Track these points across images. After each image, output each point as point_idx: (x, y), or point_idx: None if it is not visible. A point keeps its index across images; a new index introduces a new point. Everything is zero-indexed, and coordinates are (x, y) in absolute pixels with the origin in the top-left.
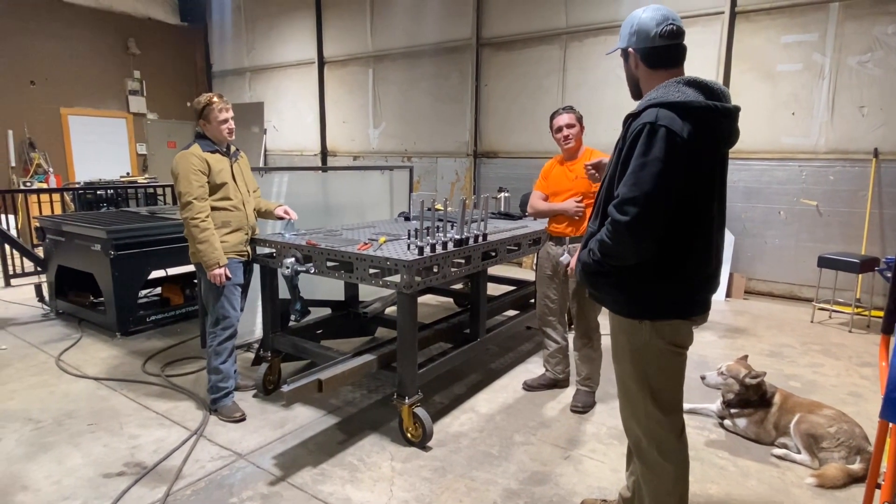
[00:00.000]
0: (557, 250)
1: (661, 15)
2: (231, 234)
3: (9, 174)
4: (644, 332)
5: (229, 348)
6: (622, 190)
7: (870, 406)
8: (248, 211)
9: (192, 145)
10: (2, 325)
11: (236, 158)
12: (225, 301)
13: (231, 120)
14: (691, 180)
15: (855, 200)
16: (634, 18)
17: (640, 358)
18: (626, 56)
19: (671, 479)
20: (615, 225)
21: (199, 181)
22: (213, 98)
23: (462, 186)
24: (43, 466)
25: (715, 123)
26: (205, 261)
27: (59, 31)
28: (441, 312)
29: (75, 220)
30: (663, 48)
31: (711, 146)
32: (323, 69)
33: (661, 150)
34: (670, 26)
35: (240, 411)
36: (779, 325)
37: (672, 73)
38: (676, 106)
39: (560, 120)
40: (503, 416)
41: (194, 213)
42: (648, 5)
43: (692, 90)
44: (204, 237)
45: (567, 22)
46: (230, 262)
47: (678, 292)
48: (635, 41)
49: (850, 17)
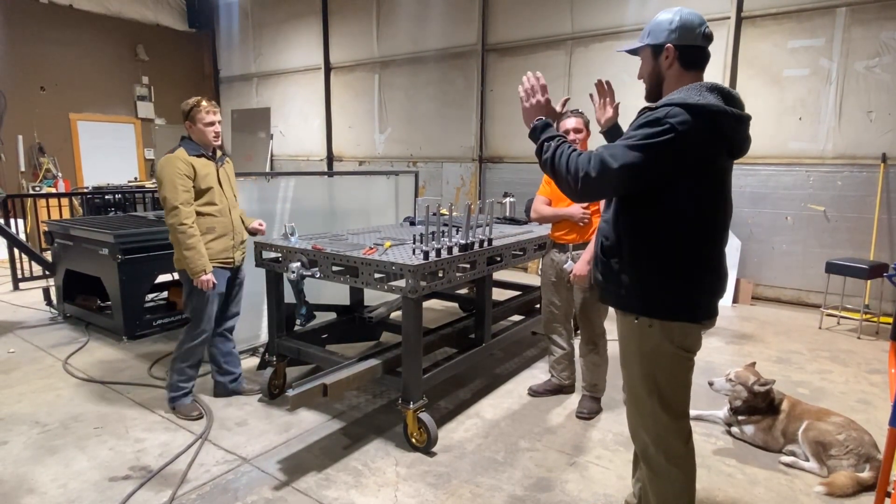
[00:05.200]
0: (561, 257)
1: (699, 18)
2: (215, 240)
3: (18, 179)
4: (654, 336)
5: (199, 354)
6: (607, 149)
7: (879, 413)
8: (234, 217)
9: (177, 148)
10: (10, 328)
11: (222, 163)
12: (203, 310)
13: (218, 124)
14: (700, 184)
15: (863, 206)
16: (674, 15)
17: (648, 362)
18: (658, 53)
19: (678, 485)
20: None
21: (184, 186)
22: (200, 100)
23: (467, 191)
24: (49, 469)
25: (729, 130)
26: (191, 268)
27: (69, 37)
28: (446, 317)
29: (83, 224)
30: (699, 49)
31: (723, 152)
32: (329, 75)
33: (654, 147)
34: (708, 29)
35: (197, 410)
36: (786, 331)
37: (698, 76)
38: (693, 108)
39: (567, 124)
40: (508, 422)
41: (181, 219)
42: (676, 7)
43: (713, 95)
44: (191, 243)
45: (573, 28)
46: (214, 269)
47: (687, 295)
48: (677, 37)
49: (857, 21)
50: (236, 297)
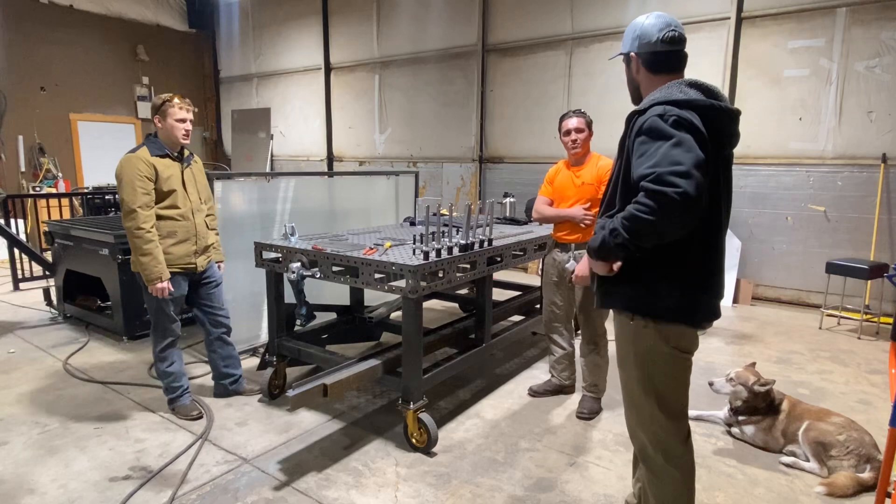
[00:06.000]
0: (563, 257)
1: (663, 21)
2: (176, 245)
3: (19, 179)
4: (648, 336)
5: (173, 353)
6: (657, 168)
7: (879, 414)
8: (198, 221)
9: (139, 148)
10: (10, 328)
11: (189, 164)
12: (162, 313)
13: (189, 122)
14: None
15: (863, 206)
16: (637, 24)
17: (644, 362)
18: (629, 61)
19: (677, 485)
20: (661, 198)
21: (144, 188)
22: (174, 96)
23: (467, 192)
24: (49, 470)
25: (719, 123)
26: (146, 274)
27: (70, 37)
28: (446, 317)
29: (83, 224)
30: (664, 53)
31: (715, 146)
32: (329, 75)
33: (682, 131)
34: (672, 32)
35: (197, 409)
36: (787, 331)
37: (672, 78)
38: (681, 104)
39: (569, 123)
40: (508, 423)
41: (138, 224)
42: (652, 12)
43: (694, 91)
44: (147, 249)
45: (573, 28)
46: (172, 276)
47: (683, 297)
48: (637, 46)
49: (857, 22)
50: (215, 298)
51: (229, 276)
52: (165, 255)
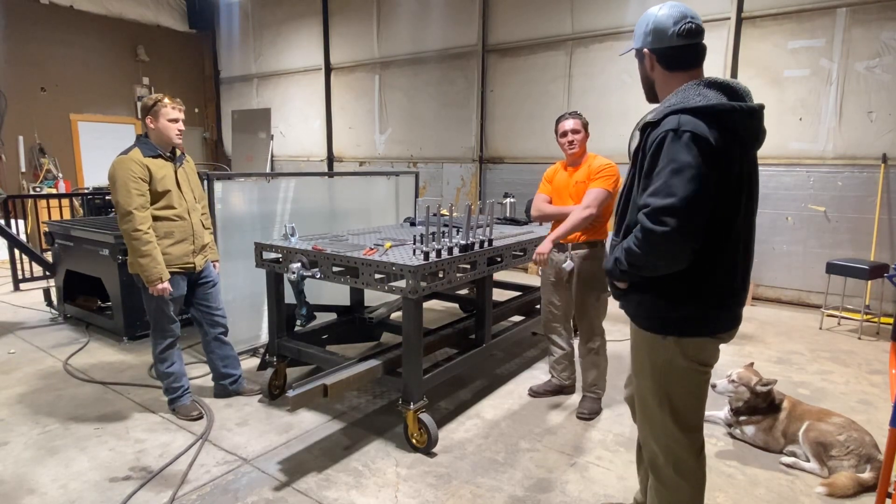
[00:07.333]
0: (560, 257)
1: (678, 12)
2: (174, 245)
3: (19, 179)
4: (667, 350)
5: (173, 353)
6: (653, 200)
7: (880, 414)
8: (194, 220)
9: (131, 149)
10: (10, 329)
11: (181, 163)
12: (162, 314)
13: (181, 122)
14: (718, 189)
15: (864, 206)
16: (650, 17)
17: (661, 375)
18: (641, 57)
19: (685, 497)
20: (649, 236)
21: (138, 189)
22: (164, 97)
23: (468, 192)
24: (50, 470)
25: (741, 126)
26: (146, 275)
27: (70, 38)
28: (446, 318)
29: (84, 225)
30: (681, 48)
31: (739, 151)
32: (329, 75)
33: (692, 154)
34: (689, 24)
35: (197, 410)
36: (787, 331)
37: (690, 74)
38: (699, 111)
39: (565, 125)
40: (509, 423)
41: (136, 225)
42: (665, 2)
43: (714, 92)
44: (146, 250)
45: (573, 28)
46: (172, 276)
47: (703, 309)
48: (651, 41)
49: (857, 22)
50: (213, 298)
51: (230, 277)
52: (164, 256)
